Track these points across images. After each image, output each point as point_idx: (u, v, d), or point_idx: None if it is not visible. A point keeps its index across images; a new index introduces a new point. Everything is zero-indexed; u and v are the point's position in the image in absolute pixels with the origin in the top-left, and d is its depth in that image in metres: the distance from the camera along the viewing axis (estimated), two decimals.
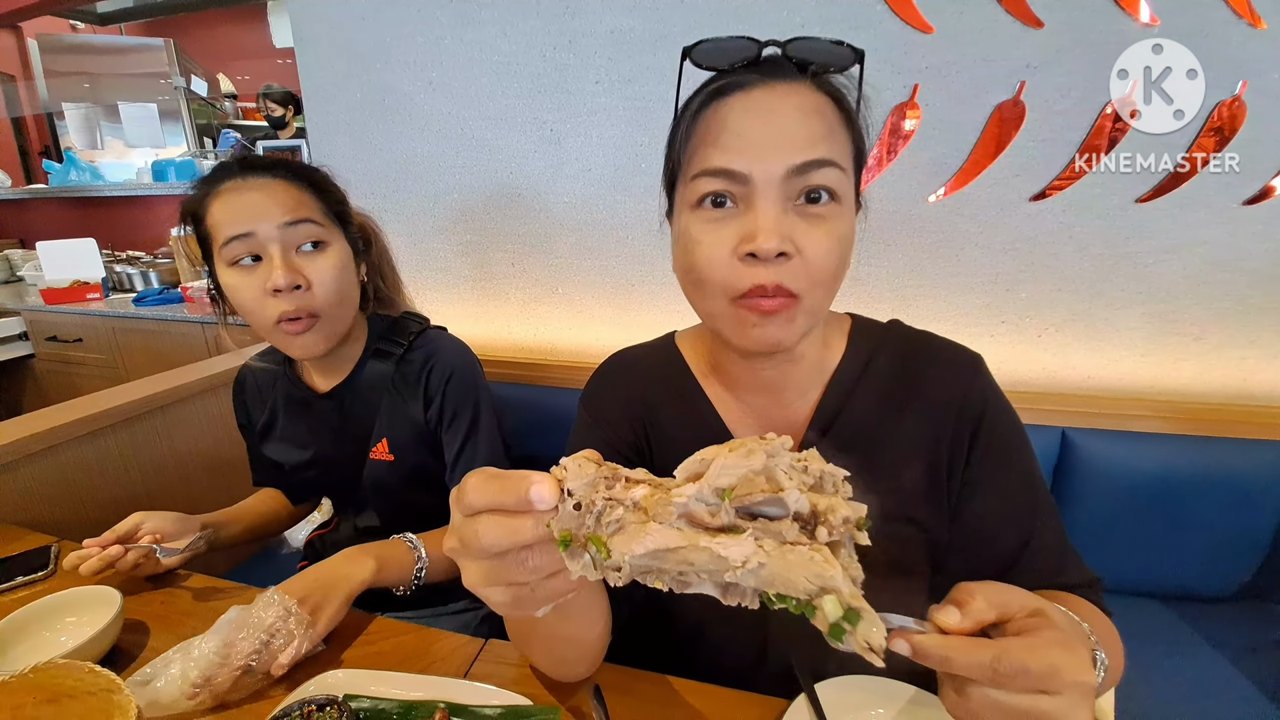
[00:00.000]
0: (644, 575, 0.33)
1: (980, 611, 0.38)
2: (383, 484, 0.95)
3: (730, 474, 0.32)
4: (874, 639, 0.30)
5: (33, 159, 4.02)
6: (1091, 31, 1.01)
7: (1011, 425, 0.61)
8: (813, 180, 0.50)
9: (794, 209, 0.50)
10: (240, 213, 0.78)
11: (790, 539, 0.31)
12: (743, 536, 0.31)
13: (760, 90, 0.51)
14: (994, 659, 0.35)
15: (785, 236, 0.49)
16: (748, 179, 0.50)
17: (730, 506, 0.32)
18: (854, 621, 0.31)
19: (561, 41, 1.26)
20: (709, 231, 0.52)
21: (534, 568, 0.34)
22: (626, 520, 0.32)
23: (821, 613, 0.30)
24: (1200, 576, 1.10)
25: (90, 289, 2.54)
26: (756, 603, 0.32)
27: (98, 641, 0.65)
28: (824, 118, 0.51)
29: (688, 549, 0.31)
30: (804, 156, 0.49)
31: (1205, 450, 1.04)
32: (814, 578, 0.30)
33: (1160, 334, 1.12)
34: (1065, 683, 0.35)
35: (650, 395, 0.68)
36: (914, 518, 0.60)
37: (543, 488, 0.33)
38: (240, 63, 4.07)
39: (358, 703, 0.58)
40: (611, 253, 1.36)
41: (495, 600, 0.36)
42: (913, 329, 0.65)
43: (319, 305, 0.81)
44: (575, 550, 0.33)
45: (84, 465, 1.12)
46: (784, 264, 0.50)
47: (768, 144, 0.49)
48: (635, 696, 0.60)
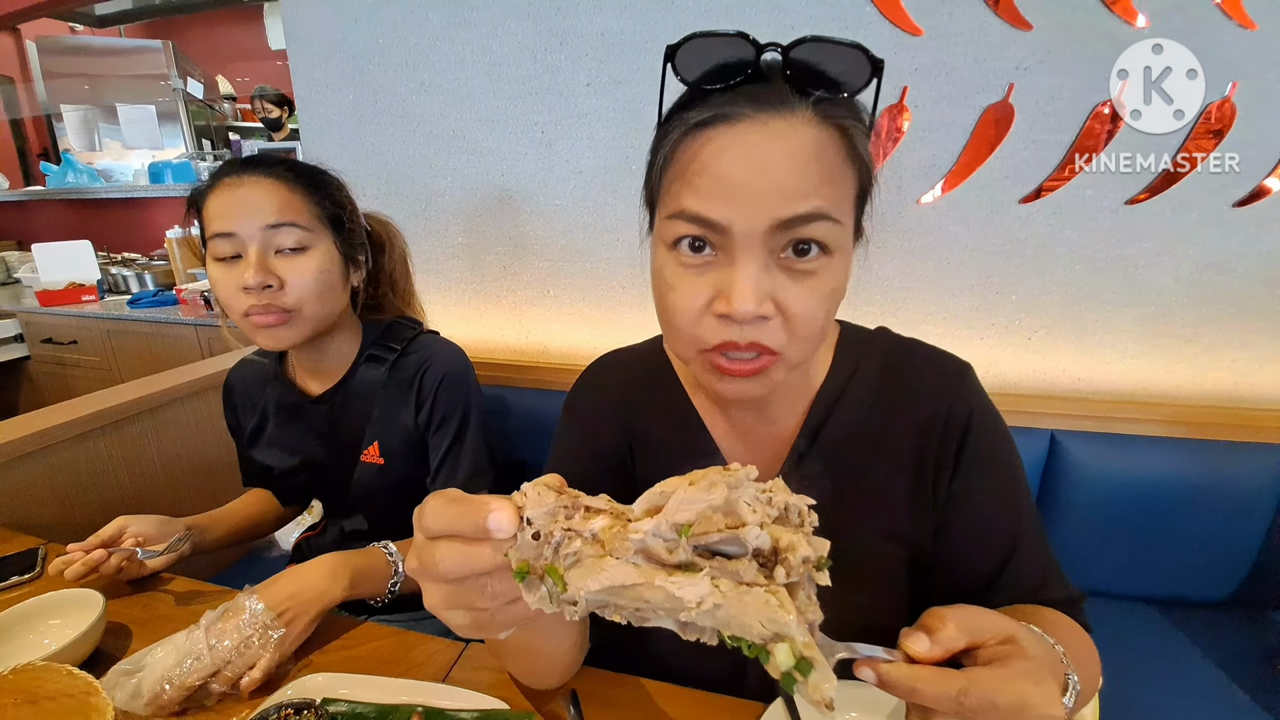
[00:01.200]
0: (601, 609, 0.32)
1: (950, 639, 0.37)
2: (372, 488, 0.95)
3: (689, 509, 0.31)
4: (824, 692, 0.29)
5: (31, 160, 4.03)
6: (1081, 33, 1.01)
7: (998, 437, 0.59)
8: (800, 234, 0.45)
9: (778, 263, 0.46)
10: (227, 210, 0.80)
11: (747, 579, 0.31)
12: (698, 576, 0.30)
13: (747, 126, 0.44)
14: (960, 691, 0.34)
15: (765, 296, 0.45)
16: (727, 230, 0.44)
17: (688, 544, 0.31)
18: (805, 672, 0.30)
19: (552, 43, 1.26)
20: (683, 279, 0.47)
21: (494, 594, 0.34)
22: (584, 553, 0.32)
23: (774, 660, 0.30)
24: (1191, 581, 1.09)
25: (85, 291, 2.54)
26: (715, 640, 0.32)
27: (80, 644, 0.65)
28: (821, 161, 0.45)
29: (643, 586, 0.30)
30: (792, 210, 0.44)
31: (1197, 454, 1.03)
32: (768, 622, 0.29)
33: (1151, 336, 1.11)
34: (1033, 716, 0.35)
35: (635, 402, 0.67)
36: (898, 531, 0.59)
37: (501, 516, 0.32)
38: (238, 65, 4.08)
39: (334, 706, 0.57)
40: (602, 255, 1.36)
41: (456, 623, 0.36)
42: (900, 337, 0.64)
43: (290, 304, 0.82)
44: (532, 581, 0.32)
45: (73, 467, 1.12)
46: (761, 324, 0.46)
47: (751, 194, 0.44)
48: (612, 702, 0.59)
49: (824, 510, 0.58)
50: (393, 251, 1.02)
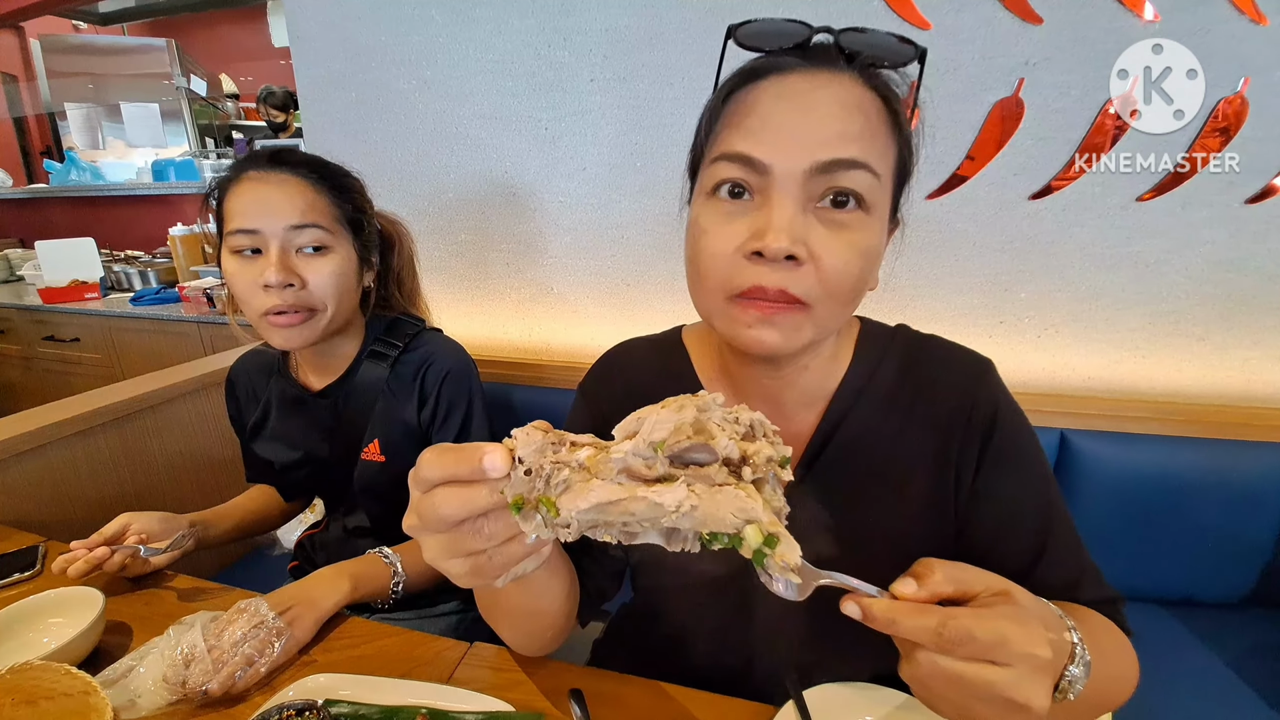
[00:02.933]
0: (592, 529, 0.35)
1: (938, 584, 0.38)
2: (373, 485, 0.94)
3: (663, 428, 0.34)
4: (790, 558, 0.33)
5: (34, 159, 4.04)
6: (1092, 28, 1.00)
7: (1024, 433, 0.58)
8: (839, 182, 0.45)
9: (815, 210, 0.46)
10: (251, 206, 0.80)
11: (719, 481, 0.34)
12: (676, 484, 0.33)
13: (797, 76, 0.47)
14: (939, 624, 0.35)
15: (798, 239, 0.45)
16: (768, 169, 0.46)
17: (664, 457, 0.34)
18: (773, 545, 0.33)
19: (556, 39, 1.25)
20: (718, 223, 0.48)
21: (489, 534, 0.36)
22: (572, 480, 0.34)
23: (746, 542, 0.33)
24: (1202, 582, 1.08)
25: (88, 288, 2.54)
26: (697, 546, 0.35)
27: (79, 643, 0.64)
28: (865, 115, 0.46)
29: (628, 500, 0.33)
30: (833, 154, 0.45)
31: (1208, 453, 1.02)
32: (738, 512, 0.33)
33: (1162, 335, 1.10)
34: (1014, 654, 0.35)
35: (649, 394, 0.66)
36: (915, 530, 0.58)
37: (495, 456, 0.34)
38: (241, 63, 4.08)
39: (337, 708, 0.57)
40: (607, 252, 1.35)
41: (455, 571, 0.37)
42: (920, 334, 0.63)
43: (314, 302, 0.82)
44: (528, 512, 0.35)
45: (73, 465, 1.11)
46: (792, 269, 0.46)
47: (795, 134, 0.45)
48: (619, 701, 0.59)
49: (840, 508, 0.57)
50: (401, 251, 1.02)
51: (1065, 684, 0.40)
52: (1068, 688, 0.40)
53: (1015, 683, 0.34)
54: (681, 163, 0.57)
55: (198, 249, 2.60)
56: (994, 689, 0.34)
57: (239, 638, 0.60)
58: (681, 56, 1.18)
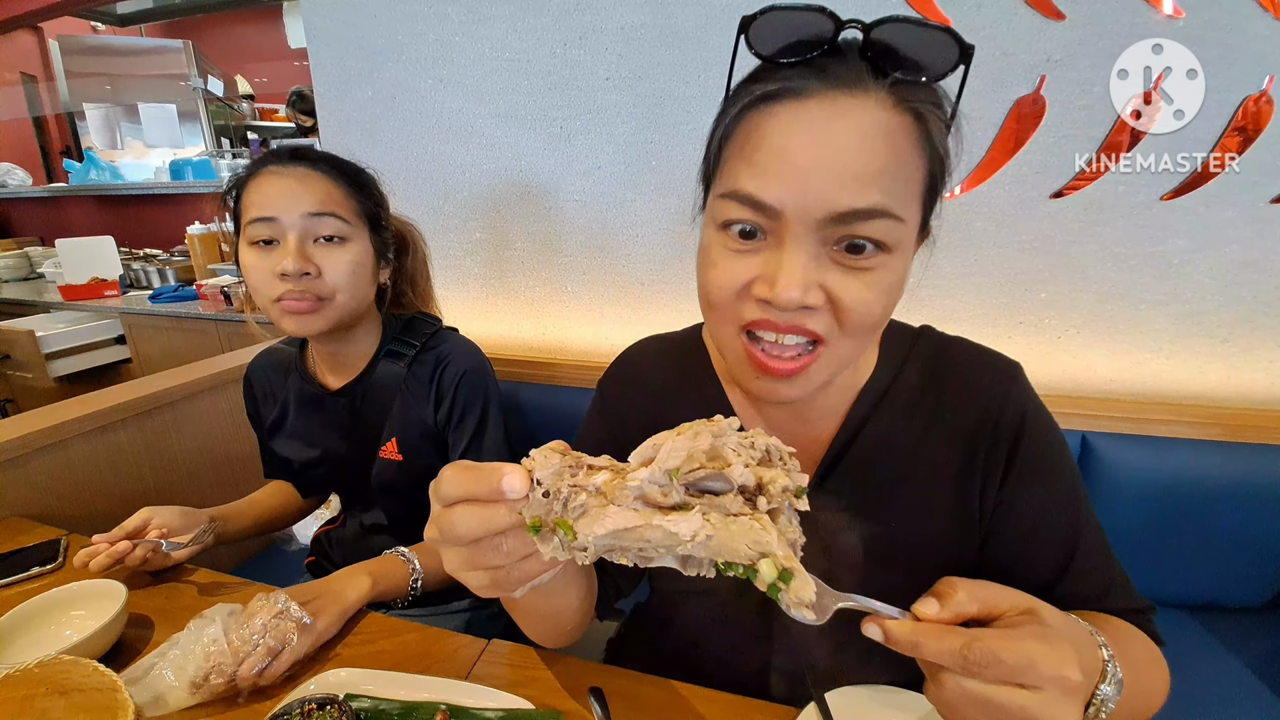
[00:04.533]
0: (609, 553, 0.36)
1: (960, 604, 0.37)
2: (391, 483, 0.94)
3: (677, 455, 0.35)
4: (804, 595, 0.33)
5: (53, 158, 4.09)
6: (1114, 24, 0.98)
7: (1053, 441, 0.56)
8: (857, 231, 0.42)
9: (830, 254, 0.43)
10: (270, 196, 0.81)
11: (734, 511, 0.34)
12: (691, 513, 0.34)
13: (816, 102, 0.42)
14: (964, 646, 0.34)
15: (813, 284, 0.42)
16: (779, 214, 0.42)
17: (679, 485, 0.35)
18: (787, 580, 0.33)
19: (572, 37, 1.25)
20: (728, 258, 0.46)
21: (508, 552, 0.36)
22: (589, 505, 0.35)
23: (761, 575, 0.33)
24: (1226, 587, 1.06)
25: (108, 286, 2.58)
26: (713, 572, 0.35)
27: (102, 636, 0.65)
28: (890, 145, 0.42)
29: (643, 528, 0.34)
30: (848, 204, 0.41)
31: (1232, 456, 1.00)
32: (753, 544, 0.33)
33: (1186, 336, 1.08)
34: (1044, 676, 0.34)
35: (667, 392, 0.65)
36: (938, 539, 0.57)
37: (514, 478, 0.34)
38: (257, 64, 4.12)
39: (358, 702, 0.57)
40: (621, 251, 1.34)
41: (474, 584, 0.38)
42: (945, 336, 0.61)
43: (326, 292, 0.82)
44: (545, 534, 0.35)
45: (94, 460, 1.13)
46: (807, 312, 0.44)
47: (809, 177, 0.41)
48: (637, 700, 0.58)
49: (860, 515, 0.56)
50: (415, 253, 1.03)
51: (1098, 703, 0.39)
52: (1100, 706, 0.39)
53: (1046, 706, 0.33)
54: (697, 162, 0.55)
55: (215, 247, 2.63)
56: (1024, 713, 0.33)
57: (260, 629, 0.60)
58: (697, 54, 1.18)
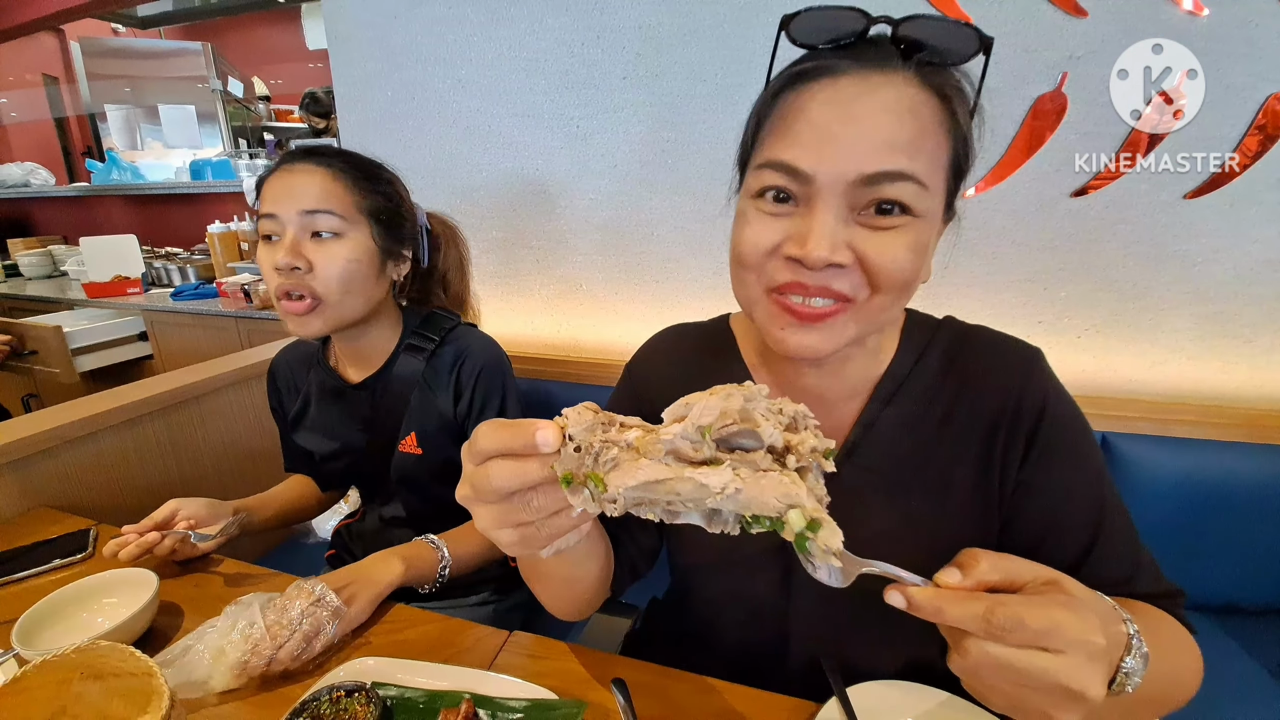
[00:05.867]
0: (637, 507, 0.36)
1: (984, 573, 0.37)
2: (410, 476, 0.96)
3: (710, 413, 0.35)
4: (832, 543, 0.34)
5: (75, 159, 4.17)
6: (1137, 20, 0.98)
7: (1075, 425, 0.56)
8: (884, 193, 0.45)
9: (858, 219, 0.46)
10: (274, 193, 0.84)
11: (764, 467, 0.35)
12: (722, 467, 0.35)
13: (848, 80, 0.46)
14: (987, 610, 0.34)
15: (841, 244, 0.45)
16: (811, 179, 0.45)
17: (711, 441, 0.35)
18: (815, 530, 0.34)
19: (589, 37, 1.25)
20: (762, 219, 0.49)
21: (538, 507, 0.37)
22: (621, 459, 0.35)
23: (789, 525, 0.34)
24: (1247, 588, 1.05)
25: (130, 283, 2.62)
26: (737, 529, 0.36)
27: (134, 622, 0.66)
28: (917, 119, 0.45)
29: (674, 480, 0.34)
30: (877, 166, 0.44)
31: (1255, 458, 0.99)
32: (782, 497, 0.34)
33: (1209, 336, 1.07)
34: (1068, 640, 0.34)
35: (695, 376, 0.66)
36: (957, 523, 0.57)
37: (547, 432, 0.35)
38: (274, 66, 4.17)
39: (385, 690, 0.58)
40: (637, 249, 1.35)
41: (504, 540, 0.39)
42: (967, 325, 0.62)
43: (318, 288, 0.83)
44: (576, 488, 0.36)
45: (122, 452, 1.15)
46: (836, 272, 0.46)
47: (840, 143, 0.45)
48: (660, 692, 0.59)
49: (880, 499, 0.57)
50: (449, 252, 1.04)
51: (1123, 676, 0.39)
52: (1125, 680, 0.39)
53: (1070, 669, 0.33)
54: (713, 160, 0.57)
55: (235, 246, 2.67)
56: (1048, 676, 0.33)
57: (297, 616, 0.61)
58: (714, 53, 1.18)
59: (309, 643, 0.61)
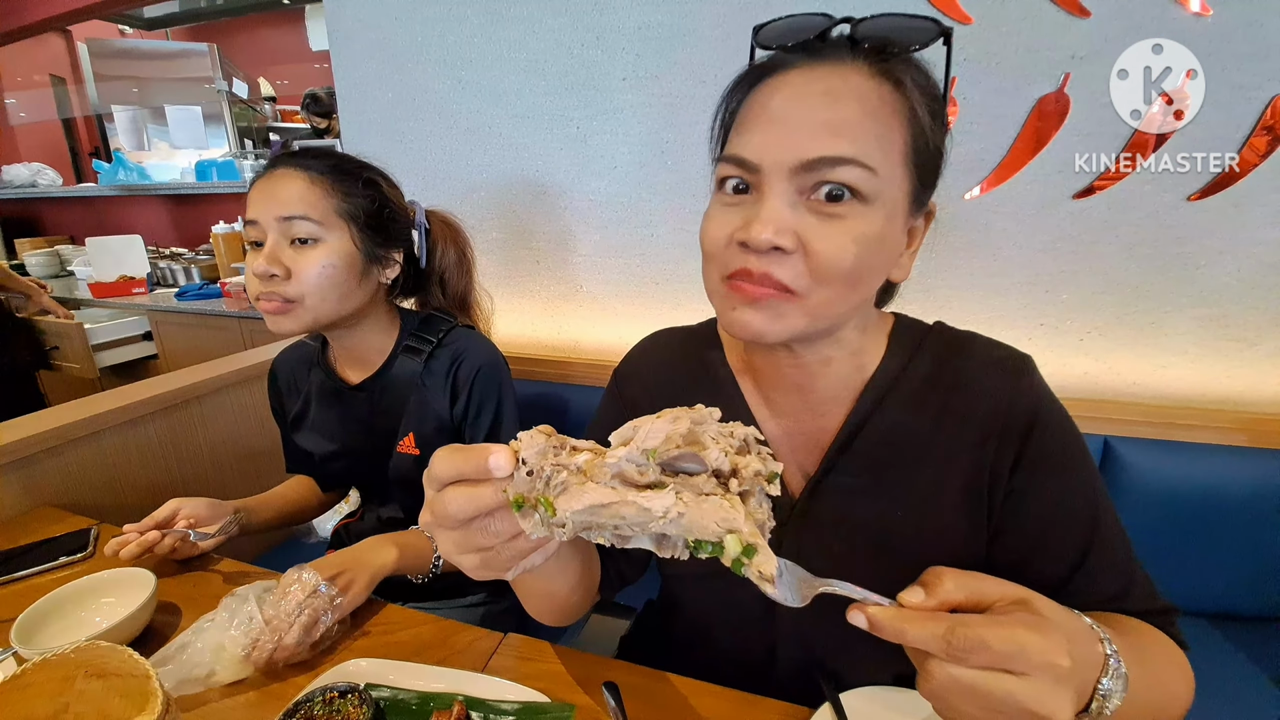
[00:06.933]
0: (586, 530, 0.37)
1: (946, 593, 0.37)
2: (407, 477, 0.96)
3: (655, 437, 0.35)
4: (766, 569, 0.34)
5: (83, 159, 4.20)
6: (1141, 20, 0.97)
7: (1067, 434, 0.56)
8: (826, 177, 0.45)
9: (807, 204, 0.47)
10: (254, 199, 0.84)
11: (706, 491, 0.35)
12: (665, 491, 0.35)
13: (796, 72, 0.48)
14: (948, 630, 0.34)
15: (787, 230, 0.46)
16: (758, 168, 0.47)
17: (655, 464, 0.35)
18: (750, 555, 0.34)
19: (589, 38, 1.25)
20: (720, 213, 0.51)
21: (496, 532, 0.37)
22: (570, 482, 0.36)
23: (726, 550, 0.34)
24: (1249, 596, 1.03)
25: (135, 283, 2.64)
26: (686, 554, 0.36)
27: (133, 621, 0.67)
28: (862, 103, 0.46)
29: (619, 504, 0.35)
30: (817, 151, 0.45)
31: (1257, 463, 0.98)
32: (721, 521, 0.34)
33: (1212, 339, 1.06)
34: (1033, 663, 0.33)
35: (681, 381, 0.66)
36: (946, 533, 0.56)
37: (499, 456, 0.36)
38: (280, 67, 4.19)
39: (378, 692, 0.58)
40: (636, 251, 1.35)
41: (467, 565, 0.39)
42: (957, 330, 0.61)
43: (292, 294, 0.83)
44: (527, 511, 0.36)
45: (123, 451, 1.16)
46: (780, 258, 0.47)
47: (783, 130, 0.46)
48: (651, 696, 0.59)
49: (865, 505, 0.56)
50: (447, 252, 1.02)
51: (1099, 698, 0.38)
52: (1103, 702, 0.38)
53: (1035, 692, 0.33)
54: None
55: (238, 246, 2.68)
56: (1012, 699, 0.33)
57: (294, 607, 0.62)
58: (714, 53, 1.18)
59: (308, 633, 0.62)
